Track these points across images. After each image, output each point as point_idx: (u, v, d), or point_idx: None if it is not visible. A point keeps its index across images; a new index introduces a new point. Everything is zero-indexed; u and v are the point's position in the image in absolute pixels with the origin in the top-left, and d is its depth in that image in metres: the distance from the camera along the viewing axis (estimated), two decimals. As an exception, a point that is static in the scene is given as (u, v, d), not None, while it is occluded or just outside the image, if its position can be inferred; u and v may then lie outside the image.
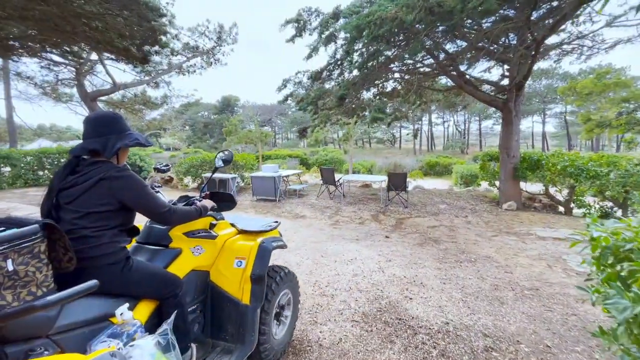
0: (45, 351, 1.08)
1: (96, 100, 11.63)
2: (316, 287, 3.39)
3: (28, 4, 4.41)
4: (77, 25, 5.39)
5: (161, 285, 1.71)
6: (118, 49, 6.04)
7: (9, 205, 7.65)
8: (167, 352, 1.42)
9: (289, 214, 7.49)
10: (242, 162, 10.54)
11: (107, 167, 1.53)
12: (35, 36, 5.29)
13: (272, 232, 2.38)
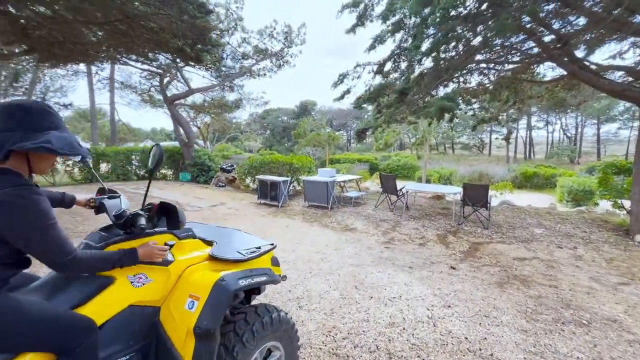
0: None
1: (174, 103, 12.91)
2: (330, 337, 2.56)
3: (91, 8, 4.73)
4: (136, 28, 5.72)
5: (54, 333, 1.19)
6: (174, 50, 6.32)
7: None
8: None
9: (338, 224, 6.74)
10: (299, 165, 10.22)
11: (4, 181, 1.10)
12: (104, 41, 5.86)
13: (256, 262, 1.69)
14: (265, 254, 1.74)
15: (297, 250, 4.92)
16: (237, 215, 7.36)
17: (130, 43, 6.03)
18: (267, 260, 1.77)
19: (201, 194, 10.04)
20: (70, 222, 6.06)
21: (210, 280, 1.39)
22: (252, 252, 1.68)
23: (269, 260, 1.78)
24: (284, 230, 6.19)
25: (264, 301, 3.08)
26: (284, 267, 4.18)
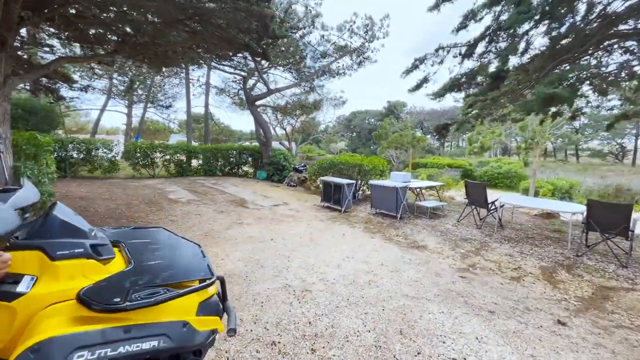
0: None
1: (255, 104, 13.59)
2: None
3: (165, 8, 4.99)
4: (207, 26, 5.88)
5: None
6: (241, 46, 6.36)
7: (171, 188, 9.73)
8: None
9: (405, 239, 5.71)
10: (369, 167, 9.37)
11: None
12: (182, 42, 6.27)
13: (156, 311, 1.07)
14: (184, 296, 1.11)
15: (343, 267, 4.19)
16: (294, 217, 7.02)
17: (203, 42, 6.30)
18: (188, 307, 1.15)
19: (270, 192, 10.15)
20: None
21: (25, 345, 0.84)
22: (155, 294, 1.06)
23: (194, 306, 1.15)
24: (339, 239, 5.51)
25: (273, 331, 2.49)
26: (319, 286, 3.53)
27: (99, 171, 11.14)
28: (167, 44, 6.17)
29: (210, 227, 5.82)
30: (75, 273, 1.06)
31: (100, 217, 6.03)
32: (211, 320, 1.15)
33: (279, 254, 4.50)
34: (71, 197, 7.44)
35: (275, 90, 13.47)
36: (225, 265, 3.96)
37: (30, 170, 4.26)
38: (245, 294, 3.19)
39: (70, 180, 9.77)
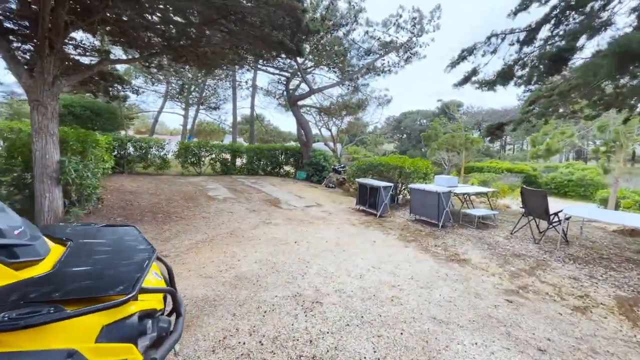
0: None
1: (296, 104, 13.61)
2: None
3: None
4: (242, 25, 5.90)
5: None
6: (275, 44, 6.27)
7: (212, 186, 10.07)
8: None
9: (444, 250, 5.10)
10: (411, 169, 8.72)
11: None
12: (221, 43, 6.41)
13: (34, 335, 0.87)
14: (76, 317, 0.89)
15: (365, 278, 3.80)
16: (325, 220, 6.74)
17: (239, 42, 6.36)
18: (83, 331, 0.92)
19: (305, 193, 10.02)
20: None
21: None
22: (34, 313, 0.86)
23: (94, 330, 0.91)
24: (367, 246, 5.10)
25: (268, 346, 2.25)
26: (332, 298, 3.20)
27: (152, 168, 12.05)
28: (207, 45, 6.35)
29: (237, 225, 5.81)
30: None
31: (141, 211, 6.39)
32: (119, 348, 0.92)
33: (298, 258, 4.26)
34: (122, 190, 8.06)
35: (317, 90, 13.35)
36: (239, 267, 3.83)
37: (75, 164, 4.60)
38: (250, 301, 2.99)
39: (126, 175, 10.68)
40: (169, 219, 5.94)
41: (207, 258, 4.05)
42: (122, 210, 6.21)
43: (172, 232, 5.16)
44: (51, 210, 4.36)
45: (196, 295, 3.02)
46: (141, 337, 1.08)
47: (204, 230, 5.39)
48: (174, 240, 4.76)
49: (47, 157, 4.28)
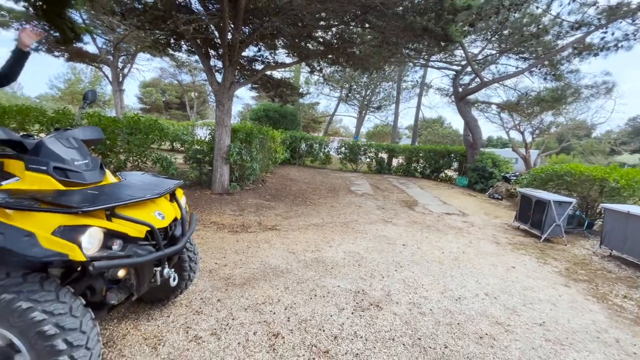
0: None
1: (463, 100, 11.94)
2: None
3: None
4: (386, 18, 5.85)
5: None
6: (420, 31, 5.69)
7: (359, 182, 10.46)
8: None
9: (637, 309, 3.29)
10: (621, 183, 5.94)
11: None
12: (367, 41, 6.57)
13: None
14: (42, 212, 1.25)
15: (464, 303, 3.00)
16: (460, 231, 5.72)
17: (382, 35, 6.34)
18: (44, 223, 1.25)
19: (455, 200, 8.78)
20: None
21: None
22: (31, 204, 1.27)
23: (51, 225, 1.24)
24: (499, 271, 3.97)
25: (286, 324, 2.27)
26: (399, 308, 2.77)
27: (317, 162, 13.95)
28: (355, 44, 6.73)
29: (355, 218, 5.88)
30: (31, 183, 1.48)
31: (287, 194, 7.59)
32: (65, 244, 1.24)
33: (393, 261, 3.87)
34: (285, 177, 9.81)
35: (491, 81, 11.24)
36: (325, 252, 3.91)
37: (238, 149, 6.08)
38: (310, 282, 3.02)
39: (296, 166, 12.89)
40: (302, 203, 6.77)
41: (304, 238, 4.38)
42: (274, 191, 7.61)
43: (297, 212, 5.87)
44: (220, 182, 5.98)
45: (271, 263, 3.36)
46: (103, 249, 1.40)
47: (323, 216, 5.79)
48: (293, 219, 5.41)
49: (221, 142, 5.90)
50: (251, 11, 5.44)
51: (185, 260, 2.18)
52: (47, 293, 1.26)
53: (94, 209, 1.34)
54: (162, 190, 1.79)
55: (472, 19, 9.01)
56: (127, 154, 5.60)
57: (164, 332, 2.06)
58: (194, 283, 2.71)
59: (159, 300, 2.29)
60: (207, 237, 4.04)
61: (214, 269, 3.09)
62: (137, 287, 1.67)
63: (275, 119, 13.94)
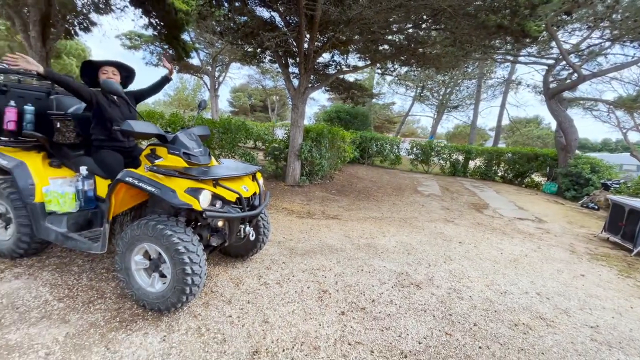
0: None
1: (555, 97, 10.63)
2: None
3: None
4: (457, 19, 5.90)
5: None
6: (494, 29, 5.45)
7: (428, 183, 10.29)
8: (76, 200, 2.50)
9: None
10: None
11: None
12: (438, 42, 6.61)
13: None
14: (179, 178, 2.06)
15: (509, 296, 3.11)
16: (530, 237, 5.45)
17: (453, 35, 6.35)
18: (181, 184, 2.03)
19: (534, 206, 8.10)
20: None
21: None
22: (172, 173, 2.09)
23: (184, 186, 2.02)
24: (564, 277, 3.84)
25: (339, 287, 2.83)
26: (438, 290, 3.14)
27: (387, 162, 14.10)
28: (424, 45, 6.88)
29: (415, 216, 6.08)
30: (171, 162, 2.31)
31: (352, 190, 8.10)
32: (190, 198, 2.00)
33: (443, 254, 4.07)
34: (352, 175, 10.34)
35: (591, 76, 9.78)
36: (378, 239, 4.31)
37: (308, 147, 6.85)
38: (359, 260, 3.49)
39: (365, 166, 13.29)
40: (365, 199, 7.21)
41: (361, 227, 4.84)
42: (340, 186, 8.21)
43: (358, 206, 6.35)
44: (293, 175, 6.83)
45: (328, 243, 3.94)
46: (211, 205, 2.13)
47: (383, 211, 6.15)
48: (354, 211, 5.91)
49: (295, 141, 6.74)
50: (324, 24, 6.12)
51: (260, 226, 2.90)
52: (180, 228, 2.05)
53: (206, 178, 2.09)
54: (248, 171, 2.51)
55: (569, 6, 8.18)
56: (220, 149, 6.87)
57: (243, 276, 2.81)
58: (265, 249, 3.46)
59: (241, 255, 3.07)
60: (279, 219, 4.84)
61: (282, 241, 3.82)
62: (228, 236, 2.42)
63: (347, 119, 14.58)
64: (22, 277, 2.42)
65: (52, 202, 2.41)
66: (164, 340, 1.91)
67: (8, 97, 2.57)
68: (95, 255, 2.93)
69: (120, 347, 1.82)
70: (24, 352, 1.70)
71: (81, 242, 2.32)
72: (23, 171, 2.43)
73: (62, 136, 2.70)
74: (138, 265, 2.15)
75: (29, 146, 2.65)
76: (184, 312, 2.21)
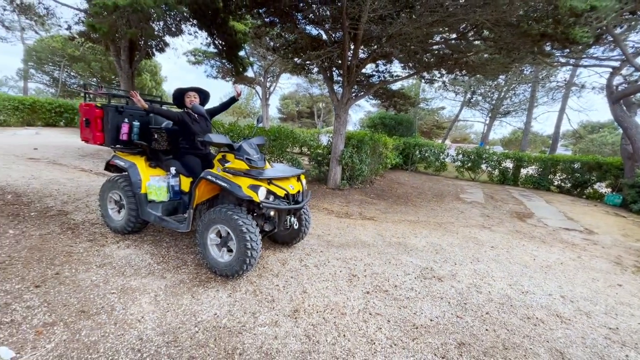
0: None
1: (619, 102, 9.80)
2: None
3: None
4: (500, 27, 6.04)
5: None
6: (539, 38, 5.46)
7: (472, 191, 10.14)
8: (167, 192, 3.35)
9: None
10: None
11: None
12: (482, 50, 6.73)
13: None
14: (244, 177, 2.73)
15: (530, 295, 3.35)
16: (572, 246, 5.38)
17: (495, 44, 6.45)
18: (246, 182, 2.68)
19: (587, 218, 7.69)
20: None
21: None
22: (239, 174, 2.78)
23: (247, 183, 2.67)
24: (597, 286, 3.89)
25: (367, 273, 3.35)
26: (458, 285, 3.62)
27: (431, 169, 14.06)
28: (467, 53, 7.06)
29: (452, 221, 6.29)
30: (237, 165, 3.03)
31: (392, 195, 8.45)
32: (252, 193, 2.68)
33: (471, 255, 4.33)
34: (394, 181, 10.63)
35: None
36: (409, 239, 4.69)
37: (349, 153, 7.40)
38: (388, 255, 3.93)
39: (407, 172, 13.43)
40: (403, 203, 7.53)
41: (395, 228, 5.25)
42: (380, 191, 8.60)
43: (395, 210, 6.72)
44: (334, 179, 7.42)
45: (361, 239, 4.44)
46: (265, 199, 2.79)
47: (419, 216, 6.45)
48: (390, 214, 6.30)
49: (337, 147, 7.34)
50: (367, 40, 6.66)
51: (302, 219, 3.53)
52: (243, 213, 2.74)
53: (262, 178, 2.77)
54: (294, 173, 3.16)
55: (632, 6, 7.76)
56: (270, 155, 7.72)
57: (287, 259, 3.45)
58: (306, 240, 4.08)
59: (286, 242, 3.73)
60: (319, 217, 5.45)
61: (321, 235, 4.41)
62: (277, 224, 3.08)
63: (391, 125, 14.85)
64: (131, 247, 3.33)
65: (152, 193, 3.28)
66: (230, 296, 2.61)
67: (123, 116, 3.53)
68: (179, 234, 3.80)
69: (201, 297, 2.55)
70: (141, 293, 2.50)
71: (171, 223, 3.14)
72: (134, 170, 3.34)
73: (157, 144, 3.60)
74: (212, 242, 2.89)
75: (136, 152, 3.58)
76: (243, 279, 2.90)
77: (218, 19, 8.74)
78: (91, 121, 3.46)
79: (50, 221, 3.78)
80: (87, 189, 5.32)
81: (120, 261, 2.99)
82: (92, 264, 2.87)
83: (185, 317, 2.28)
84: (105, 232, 3.64)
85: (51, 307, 2.21)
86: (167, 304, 2.40)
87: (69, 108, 16.86)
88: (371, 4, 5.68)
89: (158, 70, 26.90)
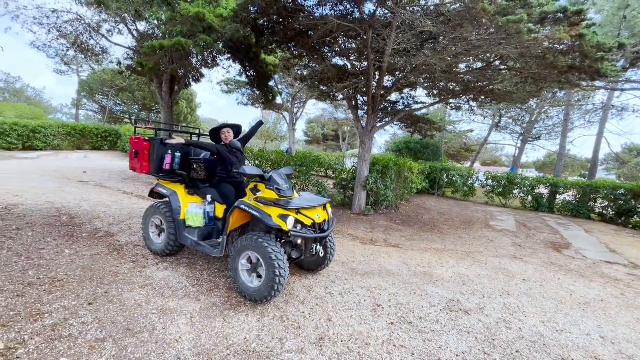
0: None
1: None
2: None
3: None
4: (525, 59, 6.06)
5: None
6: (567, 69, 5.41)
7: (502, 218, 9.76)
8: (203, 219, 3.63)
9: None
10: None
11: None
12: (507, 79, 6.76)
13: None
14: (273, 208, 2.91)
15: (564, 334, 3.22)
16: (614, 281, 5.06)
17: (520, 75, 6.47)
18: (276, 212, 2.87)
19: (631, 249, 7.17)
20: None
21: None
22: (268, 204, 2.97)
23: (277, 213, 2.85)
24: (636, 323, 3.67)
25: (385, 304, 3.40)
26: (486, 319, 3.58)
27: (459, 194, 13.74)
28: (492, 82, 7.12)
29: (481, 250, 6.13)
30: (268, 194, 3.25)
31: (418, 221, 8.36)
32: (281, 222, 2.85)
33: (501, 288, 4.21)
34: (420, 206, 10.51)
35: None
36: (435, 269, 4.64)
37: (373, 179, 7.50)
38: (413, 285, 3.92)
39: (434, 197, 13.21)
40: (430, 230, 7.43)
41: (421, 257, 5.21)
42: (405, 217, 8.55)
43: (421, 237, 6.65)
44: (359, 204, 7.51)
45: (386, 267, 4.46)
46: (293, 227, 2.96)
47: (447, 244, 6.35)
48: (416, 242, 6.25)
49: (361, 173, 7.47)
50: (391, 70, 6.93)
51: (328, 246, 3.66)
52: (272, 241, 2.92)
53: (291, 208, 2.96)
54: (320, 203, 3.34)
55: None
56: (296, 180, 7.99)
57: (313, 286, 3.56)
58: (331, 267, 4.17)
59: (312, 269, 3.85)
60: (344, 243, 5.53)
61: (346, 262, 4.49)
62: (304, 252, 3.23)
63: (417, 150, 14.82)
64: (169, 269, 3.59)
65: (190, 219, 3.56)
66: (259, 321, 2.75)
67: (167, 148, 3.92)
68: (212, 257, 4.03)
69: (232, 320, 2.71)
70: (179, 314, 2.70)
71: (206, 247, 3.38)
72: (175, 197, 3.67)
73: (196, 173, 3.94)
74: (243, 267, 3.08)
75: (176, 180, 3.93)
76: (271, 305, 3.04)
77: (250, 54, 9.43)
78: (139, 152, 3.86)
79: (99, 242, 4.16)
80: (130, 212, 5.78)
81: (159, 282, 3.24)
82: (135, 285, 3.14)
83: (218, 340, 2.44)
84: (146, 253, 3.95)
85: (102, 323, 2.46)
86: (201, 326, 2.58)
87: (112, 132, 18.43)
88: (395, 39, 5.97)
89: (193, 98, 28.83)
